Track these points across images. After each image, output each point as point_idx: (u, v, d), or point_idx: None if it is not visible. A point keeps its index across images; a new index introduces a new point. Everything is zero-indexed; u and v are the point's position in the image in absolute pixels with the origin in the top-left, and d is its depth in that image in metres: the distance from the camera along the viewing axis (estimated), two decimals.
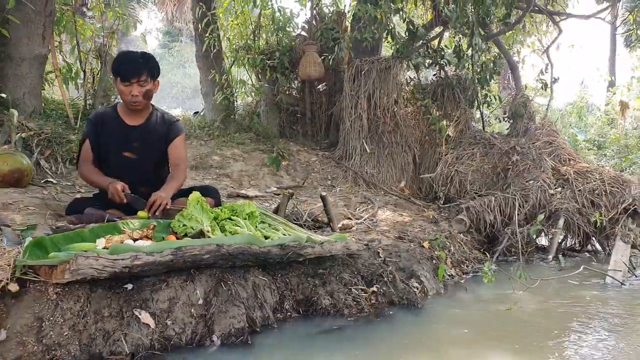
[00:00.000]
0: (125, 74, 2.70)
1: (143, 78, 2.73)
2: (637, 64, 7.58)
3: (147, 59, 2.79)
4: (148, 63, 2.77)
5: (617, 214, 4.08)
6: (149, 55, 2.84)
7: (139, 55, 2.79)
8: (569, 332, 2.32)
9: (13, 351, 1.68)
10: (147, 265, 1.96)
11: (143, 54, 2.83)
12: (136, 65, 2.72)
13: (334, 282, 2.60)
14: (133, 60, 2.75)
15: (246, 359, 1.89)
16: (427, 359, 1.98)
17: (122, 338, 1.84)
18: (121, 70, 2.71)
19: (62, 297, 1.87)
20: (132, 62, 2.73)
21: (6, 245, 2.12)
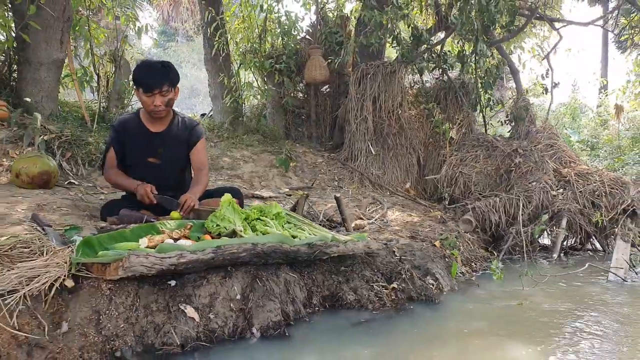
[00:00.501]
0: (147, 86, 2.78)
1: (165, 88, 2.80)
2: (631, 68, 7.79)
3: (167, 69, 2.85)
4: (169, 73, 2.84)
5: (616, 214, 4.27)
6: (169, 64, 2.92)
7: (159, 65, 2.85)
8: (578, 324, 2.49)
9: (77, 341, 1.82)
10: (191, 262, 2.11)
11: (163, 63, 2.90)
12: (158, 76, 2.79)
13: (357, 279, 2.76)
14: (154, 71, 2.80)
15: (285, 350, 2.04)
16: (449, 349, 2.14)
17: (172, 330, 1.99)
18: (143, 81, 2.79)
19: (114, 293, 2.02)
20: (153, 73, 2.79)
21: (55, 244, 2.26)
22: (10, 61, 4.79)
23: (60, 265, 2.01)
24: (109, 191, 3.96)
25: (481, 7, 4.68)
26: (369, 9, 5.75)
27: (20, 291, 1.85)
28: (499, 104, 5.77)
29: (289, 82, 6.70)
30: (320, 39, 6.89)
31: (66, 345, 1.80)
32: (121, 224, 2.50)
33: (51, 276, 1.94)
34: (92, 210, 3.25)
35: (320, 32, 6.95)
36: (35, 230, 2.55)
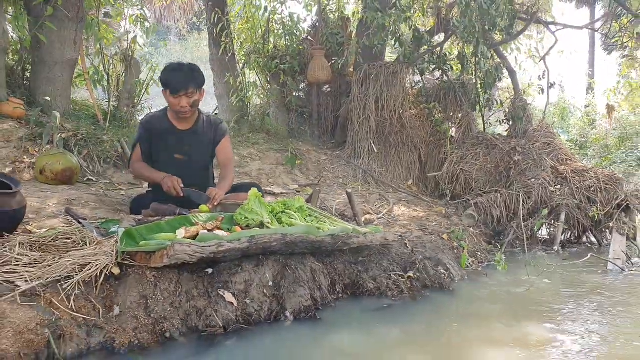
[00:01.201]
0: (174, 88, 2.93)
1: (191, 90, 2.95)
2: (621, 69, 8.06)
3: (193, 72, 3.00)
4: (195, 76, 2.99)
5: (611, 208, 4.48)
6: (195, 67, 3.07)
7: (186, 68, 3.01)
8: (582, 307, 2.68)
9: (130, 323, 1.96)
10: (229, 251, 2.26)
11: (190, 66, 3.05)
12: (184, 78, 2.93)
13: (375, 268, 2.92)
14: (181, 73, 2.94)
15: (318, 332, 2.20)
16: (470, 330, 2.31)
17: (214, 314, 2.13)
18: (171, 84, 2.94)
19: (158, 279, 2.16)
20: (180, 75, 2.93)
21: (96, 235, 2.40)
22: (24, 61, 4.88)
23: (108, 254, 2.15)
24: (127, 187, 4.09)
25: (482, 11, 4.87)
26: (372, 11, 5.91)
27: (75, 277, 1.99)
28: (498, 104, 5.96)
29: (293, 82, 6.84)
30: (322, 40, 7.04)
31: (121, 326, 1.94)
32: (156, 216, 2.63)
33: (101, 264, 2.08)
34: (118, 205, 3.39)
35: (321, 34, 7.11)
36: (71, 223, 2.69)
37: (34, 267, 2.03)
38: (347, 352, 2.04)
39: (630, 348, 2.09)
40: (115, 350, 1.85)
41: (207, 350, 1.95)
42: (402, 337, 2.18)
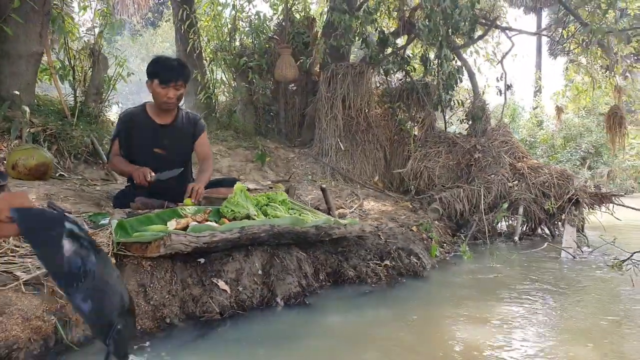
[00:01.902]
0: (164, 78, 2.99)
1: (179, 83, 3.03)
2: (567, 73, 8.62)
3: (182, 66, 3.09)
4: (184, 70, 3.07)
5: (563, 202, 4.84)
6: (184, 62, 3.16)
7: (175, 61, 3.10)
8: (543, 288, 2.94)
9: None
10: (221, 241, 2.35)
11: (178, 60, 3.14)
12: (175, 71, 3.01)
13: (354, 258, 3.08)
14: (172, 66, 3.04)
15: (309, 316, 2.33)
16: (448, 309, 2.51)
17: (210, 300, 2.23)
18: (160, 74, 2.99)
19: (154, 269, 2.23)
20: (171, 67, 3.02)
21: (87, 227, 2.43)
22: None
23: (103, 244, 2.20)
24: (102, 183, 4.07)
25: (446, 15, 5.13)
26: (340, 13, 6.08)
27: None
28: (459, 104, 6.27)
29: (260, 80, 6.92)
30: (288, 39, 7.15)
31: None
32: (145, 209, 2.68)
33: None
34: (96, 200, 3.38)
35: (287, 32, 7.22)
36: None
37: (31, 258, 2.06)
38: (337, 332, 2.18)
39: (580, 318, 2.37)
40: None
41: (206, 334, 2.04)
42: (385, 319, 2.35)
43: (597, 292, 2.99)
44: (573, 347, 2.00)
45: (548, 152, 19.13)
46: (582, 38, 6.86)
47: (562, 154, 18.95)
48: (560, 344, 2.05)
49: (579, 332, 2.20)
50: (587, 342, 2.07)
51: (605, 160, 18.67)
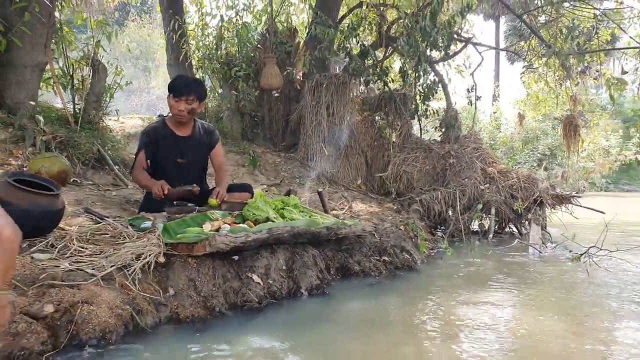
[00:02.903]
0: (177, 92, 3.34)
1: (191, 98, 3.37)
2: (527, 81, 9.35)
3: (197, 84, 3.45)
4: (197, 87, 3.42)
5: (529, 203, 5.42)
6: (200, 81, 3.53)
7: (191, 80, 3.47)
8: (514, 279, 3.45)
9: (186, 300, 2.38)
10: (254, 241, 2.73)
11: (195, 79, 3.50)
12: (187, 87, 3.36)
13: (357, 254, 3.51)
14: (186, 83, 3.38)
15: (331, 303, 2.74)
16: (447, 295, 2.96)
17: (249, 292, 2.60)
18: (175, 89, 3.35)
19: (199, 266, 2.58)
20: (184, 84, 3.36)
21: (131, 230, 2.76)
22: None
23: (156, 245, 2.54)
24: (115, 188, 4.34)
25: (425, 33, 5.63)
26: (325, 27, 6.50)
27: (135, 264, 2.37)
28: (433, 113, 6.80)
29: (246, 87, 7.25)
30: (271, 49, 7.52)
31: (180, 303, 2.36)
32: (180, 214, 3.02)
33: (153, 253, 2.47)
34: (118, 204, 3.68)
35: (270, 42, 7.58)
36: (94, 221, 3.00)
37: (96, 257, 2.38)
38: (358, 316, 2.59)
39: (547, 300, 2.87)
40: (181, 322, 2.27)
41: (250, 319, 2.42)
42: (396, 304, 2.78)
43: (560, 280, 3.54)
44: (543, 321, 2.49)
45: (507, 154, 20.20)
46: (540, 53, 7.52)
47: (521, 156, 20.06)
48: (533, 319, 2.54)
49: (548, 310, 2.70)
50: (555, 316, 2.56)
51: (559, 162, 19.88)
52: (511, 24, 31.43)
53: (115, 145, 5.36)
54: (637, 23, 6.76)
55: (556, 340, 2.22)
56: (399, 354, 2.04)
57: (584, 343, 2.19)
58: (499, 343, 2.18)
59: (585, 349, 2.11)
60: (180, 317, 2.29)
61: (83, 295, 2.04)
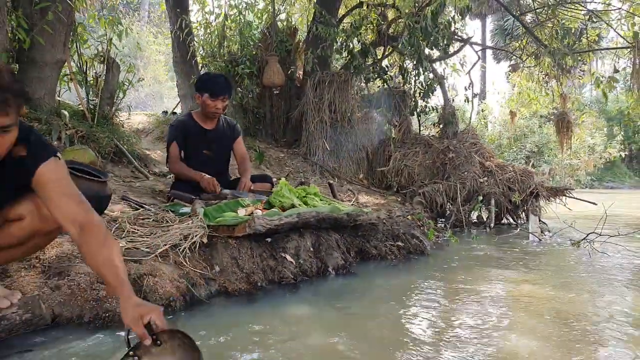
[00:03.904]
0: (215, 92, 3.56)
1: (226, 97, 3.63)
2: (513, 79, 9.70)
3: (229, 83, 3.69)
4: (230, 86, 3.67)
5: (526, 195, 5.73)
6: (228, 79, 3.76)
7: (222, 78, 3.69)
8: (517, 262, 3.73)
9: (231, 276, 2.62)
10: (286, 224, 2.97)
11: (225, 77, 3.72)
12: (224, 87, 3.60)
13: (373, 240, 3.76)
14: (221, 82, 3.61)
15: (357, 281, 2.99)
16: (459, 275, 3.23)
17: (285, 270, 2.84)
18: (213, 89, 3.56)
19: (239, 246, 2.82)
20: (222, 84, 3.60)
21: (172, 215, 2.98)
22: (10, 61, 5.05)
23: (200, 227, 2.76)
24: (138, 180, 4.54)
25: (426, 33, 5.91)
26: (328, 26, 6.74)
27: (184, 243, 2.60)
28: (432, 110, 7.09)
29: (250, 84, 7.46)
30: (272, 47, 7.74)
31: (226, 278, 2.59)
32: (215, 200, 3.25)
33: (199, 234, 2.70)
34: (147, 193, 3.90)
35: (271, 41, 7.80)
36: (133, 207, 3.22)
37: (147, 238, 2.60)
38: (385, 292, 2.84)
39: (550, 277, 3.15)
40: (229, 295, 2.50)
41: (289, 293, 2.66)
42: (417, 282, 3.03)
43: (557, 260, 3.84)
44: (548, 293, 2.77)
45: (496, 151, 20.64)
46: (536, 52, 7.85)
47: (509, 153, 20.52)
48: (538, 292, 2.81)
49: (545, 281, 2.98)
50: (550, 286, 2.84)
51: (546, 159, 20.38)
52: (497, 23, 32.02)
53: (130, 140, 5.54)
54: (625, 24, 7.12)
55: (548, 303, 2.50)
56: (424, 321, 2.29)
57: (572, 305, 2.46)
58: (505, 307, 2.45)
59: (571, 310, 2.38)
60: (229, 290, 2.53)
61: (146, 269, 2.27)
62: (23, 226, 1.68)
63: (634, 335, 2.07)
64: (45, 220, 1.68)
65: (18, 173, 1.56)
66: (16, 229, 1.68)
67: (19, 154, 1.53)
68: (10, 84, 1.37)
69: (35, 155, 1.57)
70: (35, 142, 1.58)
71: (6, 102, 1.34)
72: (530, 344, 1.96)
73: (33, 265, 2.16)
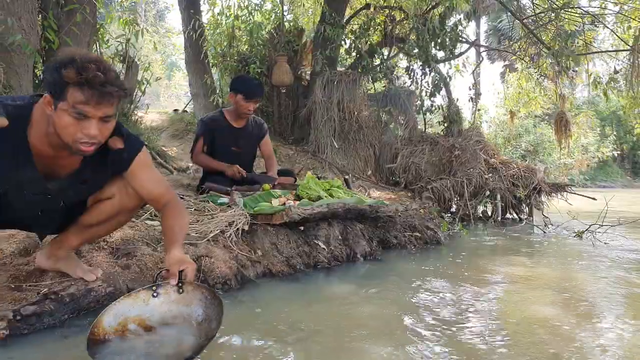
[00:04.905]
0: (249, 94, 3.77)
1: (258, 99, 3.86)
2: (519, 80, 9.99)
3: (261, 86, 3.93)
4: (262, 90, 3.92)
5: (529, 191, 6.00)
6: (261, 82, 4.01)
7: (257, 81, 3.95)
8: (530, 249, 3.98)
9: (273, 259, 2.84)
10: (318, 213, 3.20)
11: (258, 81, 3.97)
12: (258, 90, 3.83)
13: (392, 230, 3.99)
14: (255, 85, 3.84)
15: (384, 265, 3.23)
16: (476, 261, 3.47)
17: (318, 255, 3.07)
18: (248, 91, 3.78)
19: (277, 233, 3.04)
20: (255, 87, 3.82)
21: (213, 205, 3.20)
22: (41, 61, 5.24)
23: (242, 215, 2.98)
24: (163, 175, 4.74)
25: (434, 34, 6.16)
26: (337, 28, 6.98)
27: (229, 229, 2.82)
28: (439, 109, 7.35)
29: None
30: (279, 47, 7.96)
31: (269, 261, 2.82)
32: (249, 191, 3.47)
33: (242, 222, 2.92)
34: (179, 186, 4.11)
35: (278, 41, 8.02)
36: None
37: (195, 225, 2.82)
38: (412, 273, 3.07)
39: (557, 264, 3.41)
40: (273, 276, 2.73)
41: (326, 275, 2.89)
42: (438, 265, 3.28)
43: (565, 250, 4.10)
44: (556, 278, 3.02)
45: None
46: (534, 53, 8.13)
47: (505, 153, 20.86)
48: (547, 273, 3.06)
49: (561, 268, 3.23)
50: (567, 274, 3.10)
51: (541, 159, 20.75)
52: (491, 24, 32.39)
53: (150, 137, 5.74)
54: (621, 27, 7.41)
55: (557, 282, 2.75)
56: (454, 298, 2.52)
57: (580, 283, 2.71)
58: (520, 285, 2.69)
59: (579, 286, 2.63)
60: (272, 271, 2.75)
61: (202, 251, 2.49)
62: (113, 203, 1.89)
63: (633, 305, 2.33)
64: (131, 198, 1.89)
65: (116, 163, 1.78)
66: (107, 207, 1.89)
67: (117, 145, 1.74)
68: (117, 80, 1.58)
69: (131, 148, 1.78)
70: (128, 135, 1.79)
71: (113, 95, 1.55)
72: (545, 312, 2.20)
73: (102, 247, 2.37)
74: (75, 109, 1.49)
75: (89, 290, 1.98)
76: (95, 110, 1.52)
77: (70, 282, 1.98)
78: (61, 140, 1.56)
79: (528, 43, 8.78)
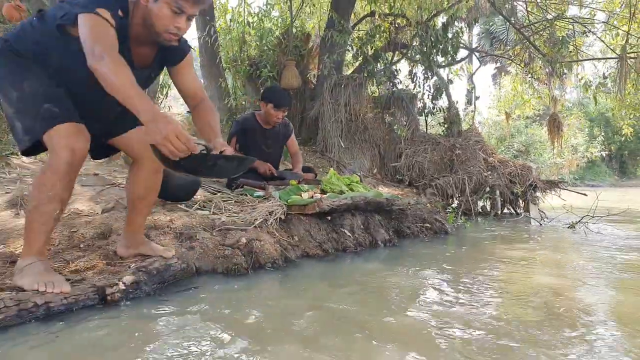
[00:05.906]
0: (279, 105, 4.20)
1: (287, 108, 4.26)
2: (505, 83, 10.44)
3: (290, 97, 4.36)
4: (290, 100, 4.34)
5: (526, 187, 6.44)
6: (290, 93, 4.41)
7: (286, 92, 4.41)
8: (530, 240, 4.41)
9: (308, 244, 3.24)
10: (343, 204, 3.60)
11: (288, 92, 4.38)
12: (287, 101, 4.25)
13: (405, 221, 4.41)
14: (285, 96, 4.28)
15: (403, 251, 3.63)
16: (482, 249, 3.89)
17: (345, 241, 3.47)
18: (278, 102, 4.19)
19: (309, 222, 3.44)
20: (286, 98, 4.25)
21: (251, 197, 3.59)
22: None
23: (280, 206, 3.38)
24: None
25: (437, 41, 6.59)
26: (344, 33, 7.39)
27: (270, 218, 3.21)
28: (441, 111, 7.78)
29: None
30: (286, 51, 8.35)
31: (305, 245, 3.22)
32: (281, 186, 3.87)
33: (280, 211, 3.32)
34: (206, 182, 4.48)
35: (286, 46, 8.41)
36: (210, 192, 3.82)
37: (240, 214, 3.21)
38: (429, 258, 3.48)
39: (554, 252, 3.83)
40: (310, 257, 3.13)
41: (354, 258, 3.29)
42: (451, 250, 3.69)
43: (561, 237, 4.53)
44: (555, 258, 3.44)
45: None
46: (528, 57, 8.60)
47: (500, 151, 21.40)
48: (546, 257, 3.49)
49: (558, 252, 3.66)
50: (562, 266, 3.52)
51: (532, 159, 21.30)
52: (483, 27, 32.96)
53: None
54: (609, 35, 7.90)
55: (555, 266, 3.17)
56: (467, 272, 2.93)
57: (566, 261, 3.14)
58: (522, 266, 3.11)
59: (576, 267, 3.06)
60: (309, 254, 3.15)
61: (251, 236, 2.88)
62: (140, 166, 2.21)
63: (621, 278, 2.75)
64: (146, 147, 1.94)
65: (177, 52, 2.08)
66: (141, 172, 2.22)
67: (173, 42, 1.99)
68: None
69: (186, 45, 2.14)
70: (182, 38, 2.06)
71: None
72: (548, 280, 2.61)
73: (167, 232, 2.75)
74: (177, 4, 1.81)
75: (168, 266, 2.37)
76: (191, 8, 1.86)
77: (153, 259, 2.36)
78: (153, 29, 1.85)
79: (522, 49, 9.26)
